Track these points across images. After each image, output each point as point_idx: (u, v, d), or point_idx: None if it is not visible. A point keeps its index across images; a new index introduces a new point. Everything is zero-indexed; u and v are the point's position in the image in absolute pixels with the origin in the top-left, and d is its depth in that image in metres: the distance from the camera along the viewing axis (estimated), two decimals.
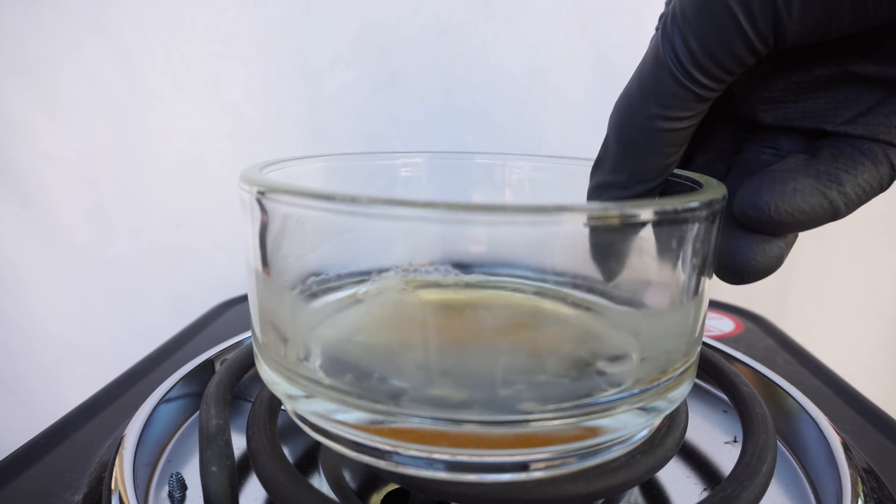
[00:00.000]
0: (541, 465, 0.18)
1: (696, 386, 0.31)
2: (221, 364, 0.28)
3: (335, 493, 0.22)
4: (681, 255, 0.17)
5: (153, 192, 0.49)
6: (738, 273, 0.18)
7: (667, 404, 0.19)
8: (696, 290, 0.18)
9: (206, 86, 0.47)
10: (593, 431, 0.17)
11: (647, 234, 0.16)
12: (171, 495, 0.23)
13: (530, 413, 0.16)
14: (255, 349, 0.21)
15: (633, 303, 0.20)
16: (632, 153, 0.18)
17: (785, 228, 0.17)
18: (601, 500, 0.22)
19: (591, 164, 0.20)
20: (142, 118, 0.47)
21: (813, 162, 0.17)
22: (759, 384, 0.28)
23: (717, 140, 0.21)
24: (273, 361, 0.20)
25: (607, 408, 0.17)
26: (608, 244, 0.17)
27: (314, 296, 0.23)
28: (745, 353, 0.31)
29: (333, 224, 0.17)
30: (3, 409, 0.52)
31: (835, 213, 0.17)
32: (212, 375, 0.25)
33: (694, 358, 0.19)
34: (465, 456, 0.17)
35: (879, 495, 0.22)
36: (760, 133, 0.20)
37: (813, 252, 0.50)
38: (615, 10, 0.45)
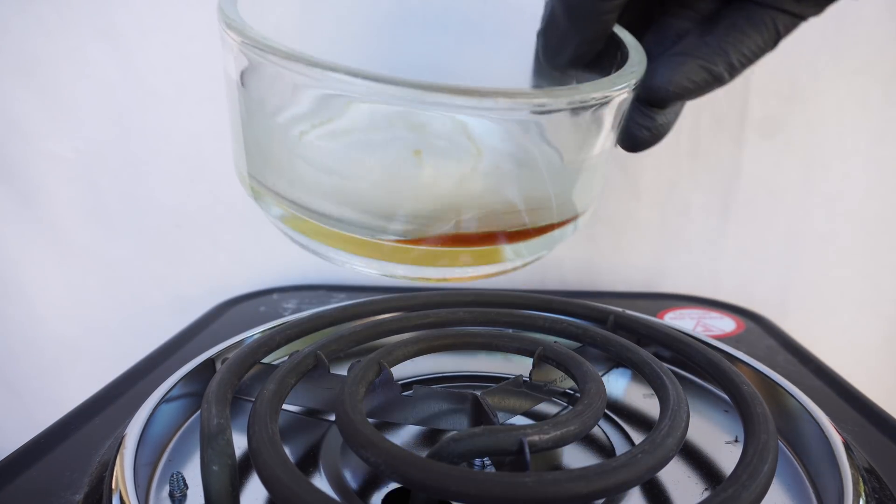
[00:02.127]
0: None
1: (697, 385, 0.31)
2: (222, 363, 0.28)
3: (336, 493, 0.22)
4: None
5: (154, 191, 0.49)
6: (635, 140, 0.24)
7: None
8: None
9: (207, 86, 0.47)
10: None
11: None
12: (171, 495, 0.23)
13: None
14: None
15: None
16: (580, 20, 0.22)
17: (680, 99, 0.22)
18: (602, 500, 0.22)
19: None
20: (142, 118, 0.47)
21: (705, 41, 0.22)
22: (761, 384, 0.28)
23: (635, 5, 0.25)
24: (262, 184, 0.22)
25: None
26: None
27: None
28: (746, 352, 0.31)
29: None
30: (4, 408, 0.52)
31: (718, 82, 0.22)
32: (212, 375, 0.26)
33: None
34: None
35: (881, 495, 0.22)
36: None
37: (813, 252, 0.50)
38: None
